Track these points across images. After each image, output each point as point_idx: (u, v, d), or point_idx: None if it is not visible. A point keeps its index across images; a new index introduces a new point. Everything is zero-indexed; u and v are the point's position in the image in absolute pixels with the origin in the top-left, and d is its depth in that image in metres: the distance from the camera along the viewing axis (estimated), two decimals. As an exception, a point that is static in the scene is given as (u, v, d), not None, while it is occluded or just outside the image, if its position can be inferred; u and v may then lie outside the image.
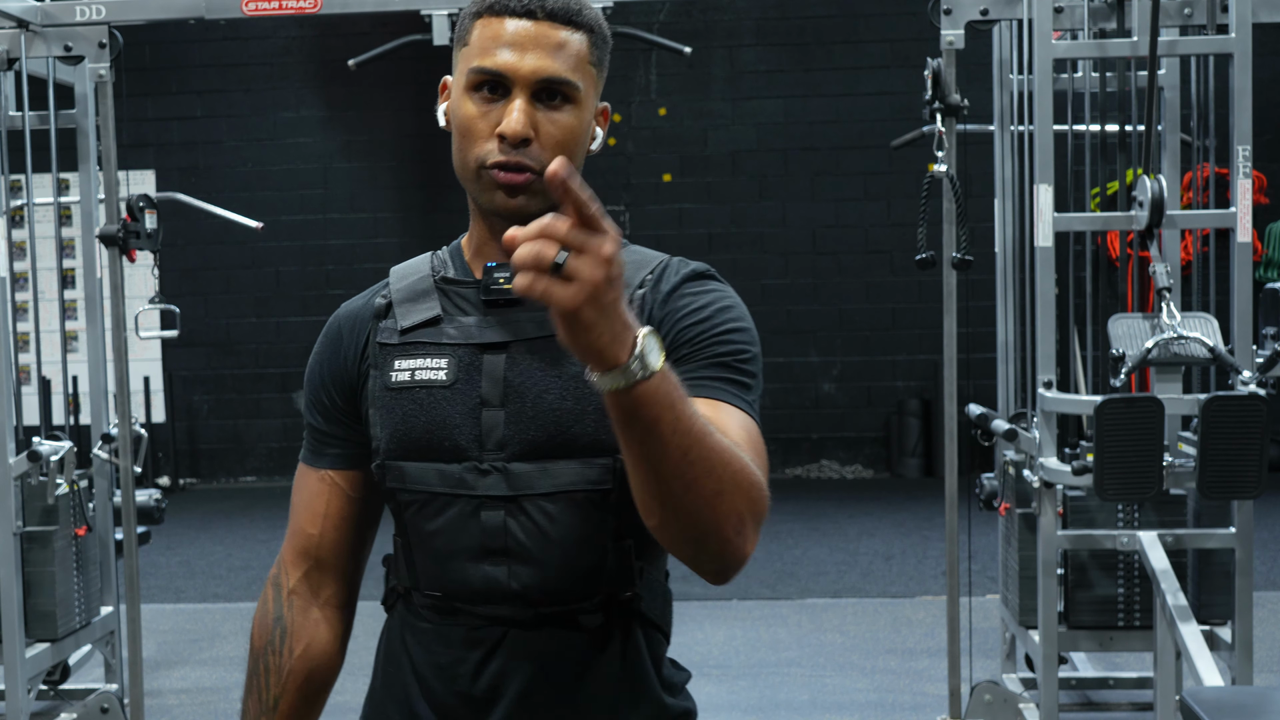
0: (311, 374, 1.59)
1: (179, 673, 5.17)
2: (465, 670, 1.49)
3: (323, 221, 9.54)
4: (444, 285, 1.54)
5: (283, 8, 4.13)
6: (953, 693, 4.14)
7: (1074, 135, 4.11)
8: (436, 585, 1.50)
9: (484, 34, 1.46)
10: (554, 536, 1.45)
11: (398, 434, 1.48)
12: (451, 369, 1.47)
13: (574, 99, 1.47)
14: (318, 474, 1.58)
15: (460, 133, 1.48)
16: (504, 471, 1.45)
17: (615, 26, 4.40)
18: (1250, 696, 2.94)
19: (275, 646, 1.60)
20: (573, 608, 1.47)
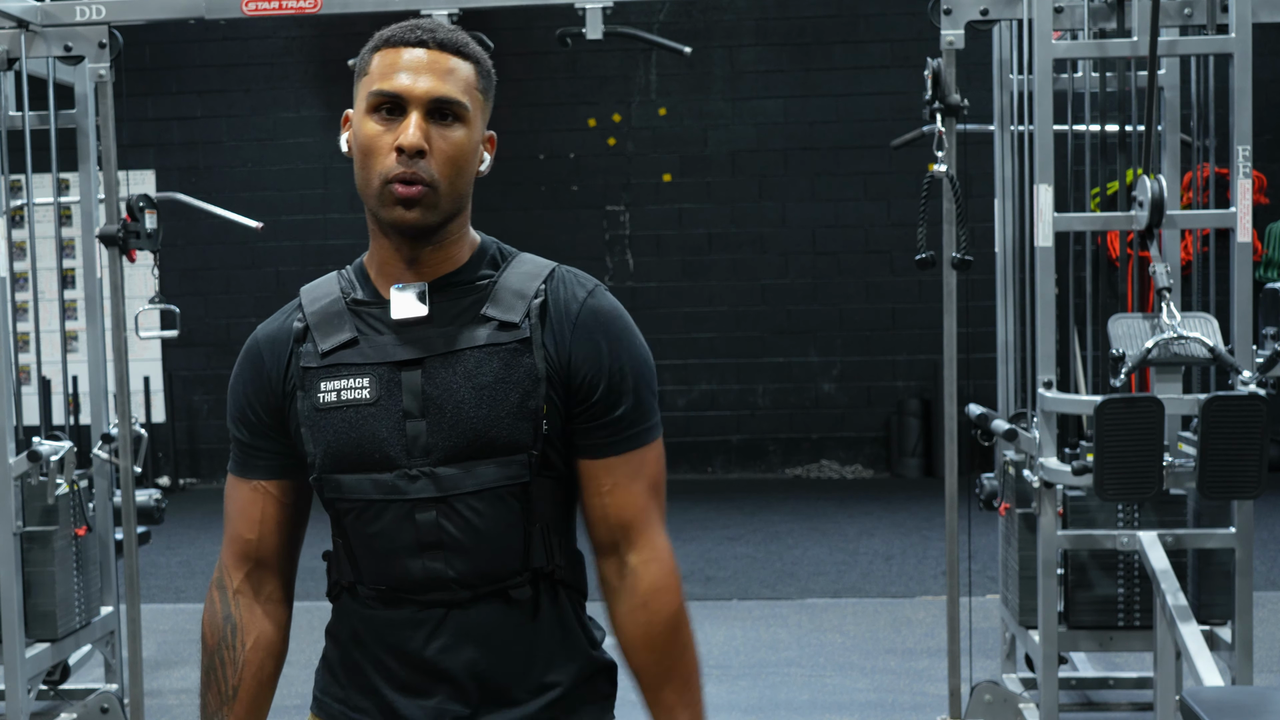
0: (235, 393, 1.76)
1: (179, 673, 5.17)
2: (415, 646, 1.67)
3: (323, 221, 9.54)
4: (355, 307, 1.69)
5: (283, 8, 4.13)
6: (953, 693, 4.14)
7: (1074, 135, 4.11)
8: (381, 580, 1.68)
9: (382, 63, 1.65)
10: (482, 529, 1.64)
11: (331, 450, 1.66)
12: (374, 387, 1.65)
13: (463, 118, 1.64)
14: (249, 484, 1.76)
15: (362, 151, 1.64)
16: (432, 475, 1.64)
17: (615, 26, 4.41)
18: (1250, 696, 2.94)
19: (228, 641, 1.77)
20: (504, 585, 1.66)
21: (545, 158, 9.38)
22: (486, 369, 1.63)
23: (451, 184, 1.64)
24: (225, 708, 1.76)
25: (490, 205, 9.41)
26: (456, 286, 1.68)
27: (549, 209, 9.37)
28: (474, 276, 1.69)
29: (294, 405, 1.69)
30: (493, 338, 1.64)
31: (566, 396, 1.67)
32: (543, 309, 1.66)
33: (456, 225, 1.68)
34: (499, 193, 9.31)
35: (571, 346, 1.66)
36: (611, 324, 1.69)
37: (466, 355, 1.63)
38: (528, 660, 1.68)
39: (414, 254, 1.67)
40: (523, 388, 1.64)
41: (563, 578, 1.71)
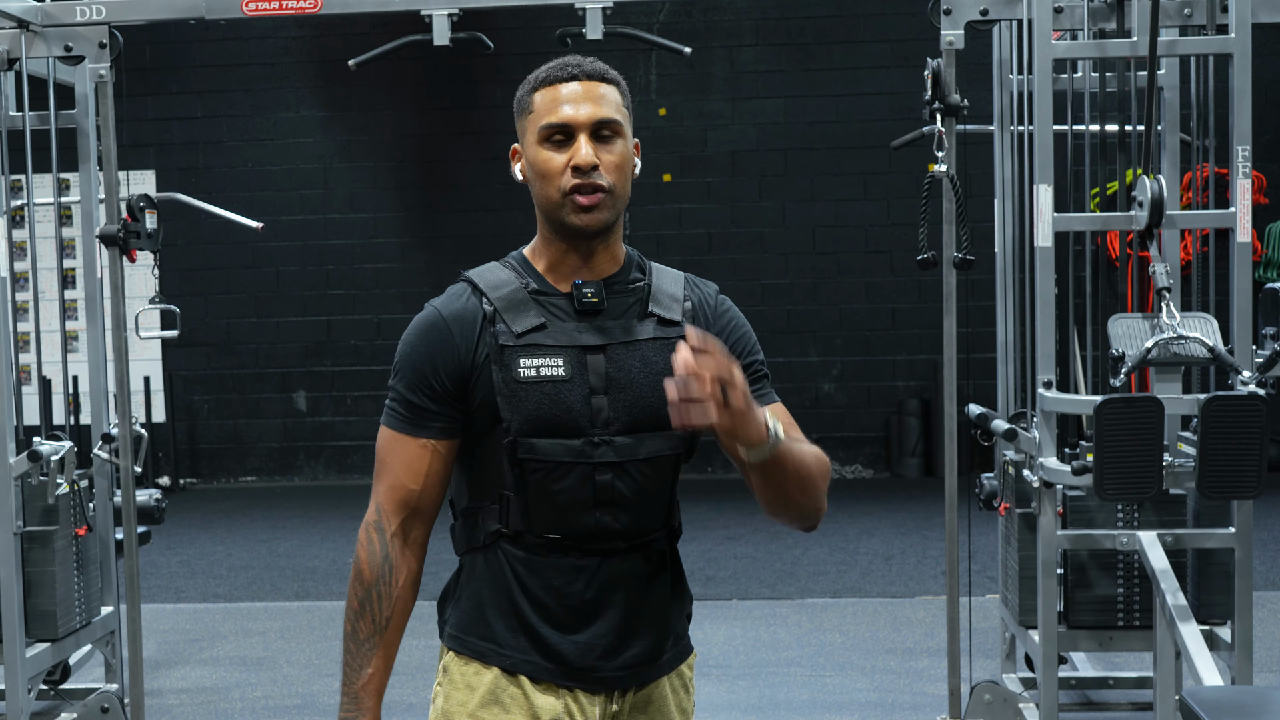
0: (418, 360, 1.98)
1: (179, 673, 5.17)
2: (576, 588, 1.96)
3: (323, 221, 9.54)
4: (536, 296, 1.97)
5: (283, 8, 4.13)
6: (953, 693, 4.14)
7: (1074, 135, 4.11)
8: (555, 529, 1.96)
9: (544, 100, 1.96)
10: (647, 490, 1.98)
11: (530, 417, 1.93)
12: (567, 366, 1.93)
13: (620, 133, 1.96)
14: (419, 441, 1.98)
15: (540, 175, 1.94)
16: (611, 444, 1.95)
17: (615, 26, 4.41)
18: (1250, 696, 2.94)
19: (386, 579, 1.99)
20: (649, 539, 2.00)
21: (545, 158, 9.37)
22: (659, 358, 1.95)
23: (622, 187, 1.95)
24: (377, 635, 1.99)
25: (490, 205, 9.42)
26: (619, 284, 1.99)
27: (549, 209, 9.36)
28: (630, 278, 2.01)
29: (485, 377, 1.94)
30: (660, 332, 1.98)
31: None
32: (693, 309, 2.03)
33: (619, 227, 2.00)
34: (499, 193, 9.31)
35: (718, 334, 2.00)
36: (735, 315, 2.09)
37: (643, 345, 1.96)
38: (658, 601, 2.02)
39: (589, 253, 1.97)
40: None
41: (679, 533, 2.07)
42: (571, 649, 1.97)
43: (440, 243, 9.46)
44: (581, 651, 1.97)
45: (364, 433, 9.65)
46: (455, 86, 9.40)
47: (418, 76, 9.23)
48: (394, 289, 9.50)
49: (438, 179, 9.48)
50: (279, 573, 6.92)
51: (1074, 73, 4.16)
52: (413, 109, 9.43)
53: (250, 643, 5.60)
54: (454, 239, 9.41)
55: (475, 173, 9.41)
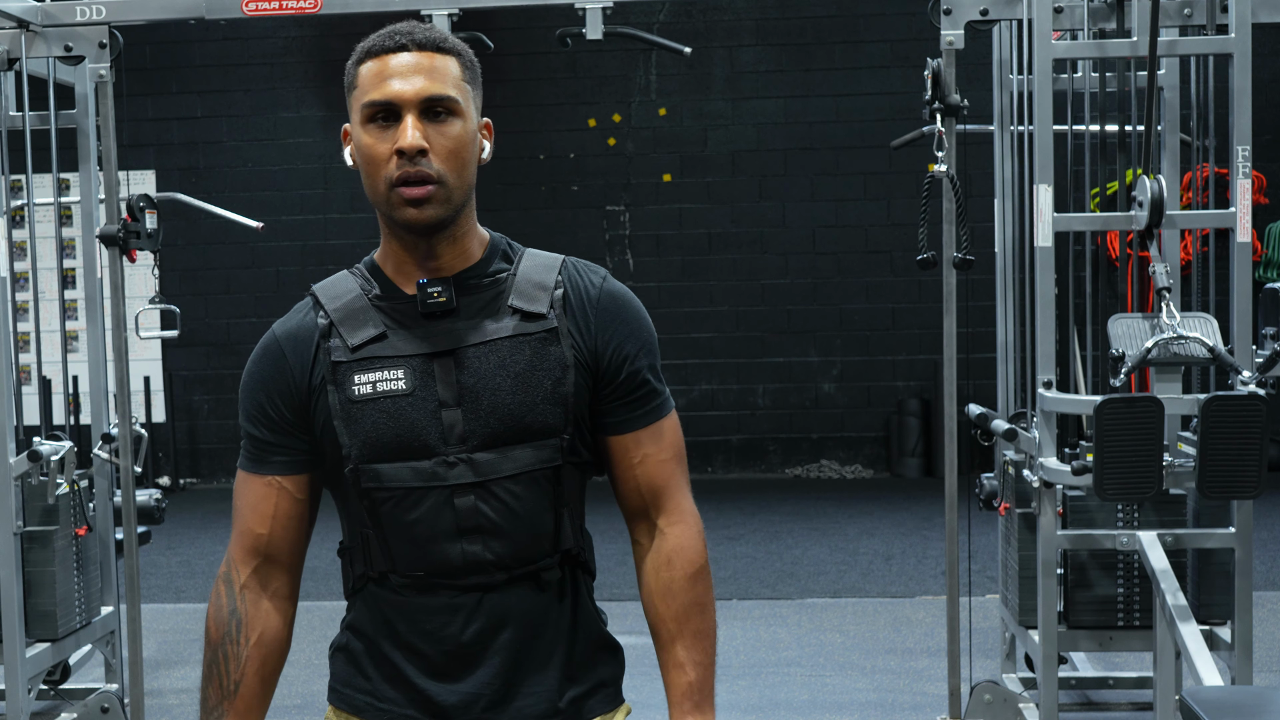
0: (253, 389, 1.77)
1: (179, 673, 5.17)
2: (451, 632, 1.72)
3: (323, 221, 9.54)
4: (378, 303, 1.74)
5: (283, 8, 4.13)
6: (953, 693, 4.14)
7: (1074, 135, 4.11)
8: (418, 566, 1.73)
9: (368, 74, 1.69)
10: (519, 512, 1.71)
11: (369, 440, 1.70)
12: (409, 378, 1.69)
13: (456, 111, 1.69)
14: (263, 480, 1.77)
15: (365, 161, 1.69)
16: (469, 461, 1.70)
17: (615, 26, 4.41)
18: (1250, 696, 2.94)
19: (232, 636, 1.78)
20: (536, 567, 1.74)
21: (545, 158, 9.38)
22: (519, 357, 1.70)
23: (458, 175, 1.69)
24: (225, 702, 1.78)
25: (490, 205, 9.37)
26: (475, 280, 1.74)
27: (549, 209, 9.37)
28: (490, 271, 1.75)
29: (322, 400, 1.72)
30: (521, 328, 1.71)
31: (594, 379, 1.75)
32: (564, 299, 1.74)
33: (465, 218, 1.74)
34: (499, 193, 9.31)
35: (596, 331, 1.75)
36: (626, 306, 1.79)
37: (499, 345, 1.71)
38: (554, 640, 1.76)
39: (430, 250, 1.73)
40: (553, 375, 1.71)
41: (583, 560, 1.80)
42: (453, 700, 1.73)
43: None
44: (465, 703, 1.72)
45: (364, 433, 9.65)
46: (455, 86, 9.38)
47: (418, 76, 9.22)
48: (394, 289, 9.49)
49: (438, 179, 9.47)
50: (279, 573, 6.91)
51: (1074, 73, 4.16)
52: (413, 109, 9.42)
53: (250, 643, 5.59)
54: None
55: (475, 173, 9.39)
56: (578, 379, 1.73)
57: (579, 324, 1.74)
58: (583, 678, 1.79)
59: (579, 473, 1.78)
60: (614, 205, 9.36)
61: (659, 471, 1.79)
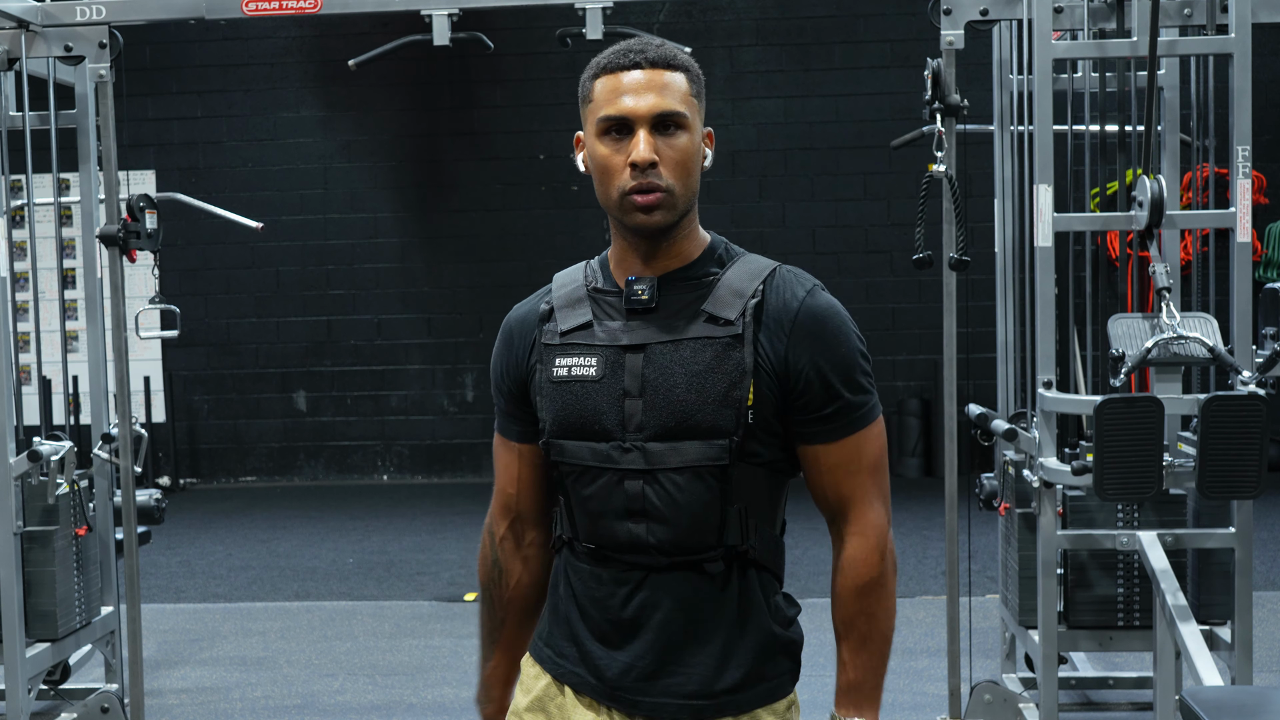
0: (494, 367, 1.97)
1: (179, 673, 5.17)
2: (615, 603, 1.86)
3: (323, 221, 9.54)
4: (595, 294, 1.89)
5: (283, 8, 4.13)
6: (953, 693, 4.14)
7: (1074, 135, 4.11)
8: (591, 538, 1.87)
9: (604, 89, 1.83)
10: (682, 502, 1.81)
11: (559, 418, 1.86)
12: (600, 366, 1.84)
13: (685, 126, 1.82)
14: (508, 445, 1.98)
15: (599, 171, 1.83)
16: (642, 449, 1.82)
17: (615, 26, 4.41)
18: (1250, 696, 2.94)
19: (495, 580, 2.02)
20: (699, 557, 1.83)
21: (545, 158, 9.38)
22: (701, 358, 1.80)
23: (684, 184, 1.82)
24: (496, 632, 2.04)
25: (490, 205, 9.42)
26: (684, 281, 1.85)
27: (549, 209, 9.37)
28: (701, 273, 1.86)
29: (534, 377, 1.89)
30: (708, 331, 1.81)
31: (782, 391, 1.82)
32: (759, 308, 1.82)
33: (687, 222, 1.87)
34: (499, 193, 9.32)
35: (788, 346, 1.82)
36: (827, 323, 1.85)
37: (684, 345, 1.81)
38: (713, 629, 1.85)
39: (650, 250, 1.85)
40: (730, 378, 1.79)
41: (756, 558, 1.86)
42: (612, 666, 1.87)
43: (440, 243, 9.46)
44: (621, 671, 1.86)
45: (364, 433, 9.65)
46: (455, 86, 9.40)
47: (418, 76, 9.22)
48: (394, 289, 9.50)
49: (438, 179, 9.47)
50: (279, 573, 6.91)
51: (1074, 73, 4.16)
52: (412, 109, 9.42)
53: (250, 643, 5.60)
54: (454, 239, 9.40)
55: (475, 173, 9.40)
56: (760, 386, 1.80)
57: (771, 334, 1.82)
58: (744, 669, 1.87)
59: (762, 474, 1.84)
60: (614, 205, 9.35)
61: (846, 482, 1.86)
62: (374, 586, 6.54)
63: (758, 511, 1.85)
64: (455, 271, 9.37)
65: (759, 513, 1.86)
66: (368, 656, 5.30)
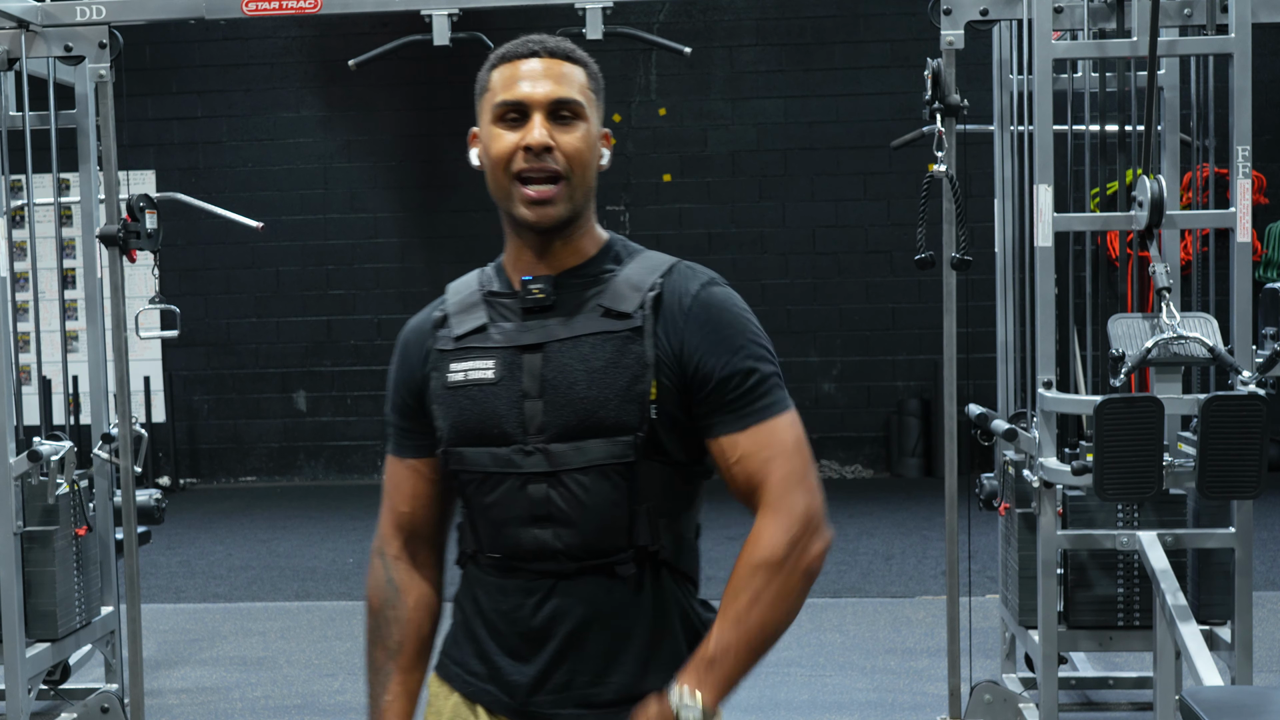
0: (391, 380, 1.93)
1: (179, 673, 5.17)
2: (524, 614, 1.80)
3: (323, 221, 9.54)
4: (489, 297, 1.85)
5: (283, 8, 4.13)
6: (953, 692, 4.14)
7: (1074, 135, 4.11)
8: (496, 548, 1.81)
9: (501, 77, 1.81)
10: (588, 503, 1.76)
11: (456, 425, 1.81)
12: (497, 368, 1.79)
13: (581, 115, 1.79)
14: (403, 463, 1.91)
15: (492, 156, 1.80)
16: (544, 451, 1.76)
17: (615, 26, 4.41)
18: (1250, 696, 2.94)
19: (393, 602, 1.92)
20: (609, 560, 1.77)
21: (545, 158, 9.37)
22: (600, 354, 1.76)
23: (580, 176, 1.78)
24: (391, 661, 1.92)
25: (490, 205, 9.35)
26: (581, 278, 1.81)
27: (549, 209, 9.36)
28: (598, 270, 1.82)
29: (429, 385, 1.85)
30: (606, 325, 1.77)
31: (683, 383, 1.77)
32: (657, 301, 1.78)
33: (583, 220, 1.82)
34: (499, 193, 9.31)
35: (684, 337, 1.77)
36: (724, 313, 1.79)
37: (583, 341, 1.77)
38: (627, 634, 1.79)
39: (544, 247, 1.81)
40: (631, 372, 1.75)
41: (667, 559, 1.81)
42: (524, 681, 1.80)
43: (440, 243, 9.46)
44: (532, 684, 1.79)
45: (364, 433, 9.65)
46: (455, 86, 9.36)
47: (418, 76, 9.22)
48: (394, 289, 9.50)
49: (438, 179, 9.48)
50: (279, 573, 6.91)
51: (1074, 73, 4.16)
52: (412, 109, 9.42)
53: (250, 643, 5.60)
54: (454, 239, 9.40)
55: (475, 173, 9.32)
56: (661, 379, 1.75)
57: (668, 327, 1.77)
58: (665, 676, 1.77)
59: (671, 473, 1.79)
60: (614, 205, 9.36)
61: (759, 471, 1.78)
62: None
63: (668, 512, 1.80)
64: (455, 271, 9.18)
65: (669, 513, 1.80)
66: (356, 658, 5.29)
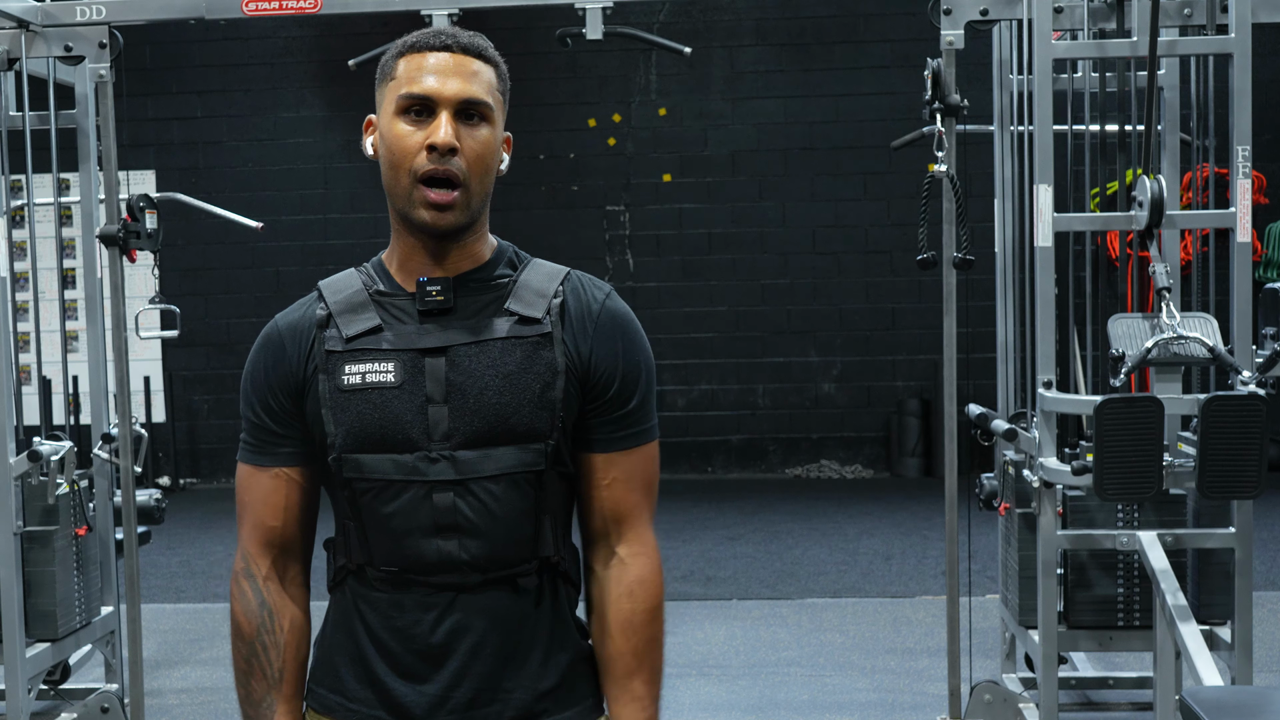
0: (255, 381, 1.78)
1: (179, 673, 5.17)
2: (422, 630, 1.72)
3: (323, 221, 9.54)
4: (378, 297, 1.76)
5: (283, 8, 4.13)
6: (953, 693, 4.14)
7: (1074, 135, 4.11)
8: (392, 561, 1.72)
9: (409, 67, 1.72)
10: (498, 513, 1.70)
11: (353, 430, 1.70)
12: (398, 371, 1.70)
13: (489, 118, 1.74)
14: (269, 472, 1.78)
15: (391, 151, 1.71)
16: (451, 459, 1.69)
17: (615, 26, 4.41)
18: (1250, 696, 2.94)
19: (268, 627, 1.79)
20: (513, 571, 1.72)
21: (545, 158, 9.38)
22: (510, 359, 1.70)
23: (480, 181, 1.73)
24: (273, 691, 1.79)
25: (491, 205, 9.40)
26: (479, 282, 1.75)
27: (549, 209, 9.37)
28: (493, 275, 1.76)
29: (314, 388, 1.73)
30: (515, 331, 1.71)
31: (583, 391, 1.74)
32: (562, 308, 1.74)
33: (481, 223, 1.77)
34: (499, 193, 9.21)
35: (592, 345, 1.74)
36: (627, 326, 1.78)
37: (491, 345, 1.71)
38: (528, 647, 1.74)
39: (438, 251, 1.74)
40: (543, 379, 1.71)
41: (565, 569, 1.77)
42: (419, 702, 1.72)
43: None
44: (431, 706, 1.72)
45: (364, 433, 9.65)
46: (455, 86, 9.39)
47: (418, 76, 9.22)
48: (394, 289, 9.49)
49: (438, 179, 9.47)
50: (279, 573, 6.91)
51: (1074, 73, 4.16)
52: (413, 109, 9.42)
53: (250, 643, 5.59)
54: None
55: (475, 173, 9.39)
56: (568, 387, 1.72)
57: (575, 335, 1.74)
58: (560, 689, 1.76)
59: (564, 483, 1.76)
60: (614, 205, 9.36)
61: (626, 498, 1.76)
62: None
63: (563, 521, 1.78)
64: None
65: (564, 522, 1.78)
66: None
